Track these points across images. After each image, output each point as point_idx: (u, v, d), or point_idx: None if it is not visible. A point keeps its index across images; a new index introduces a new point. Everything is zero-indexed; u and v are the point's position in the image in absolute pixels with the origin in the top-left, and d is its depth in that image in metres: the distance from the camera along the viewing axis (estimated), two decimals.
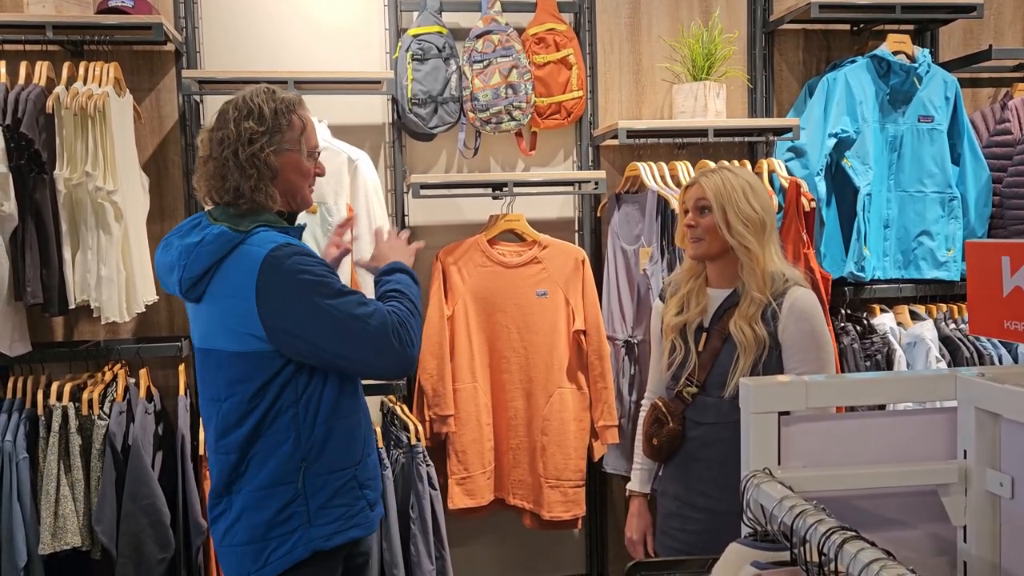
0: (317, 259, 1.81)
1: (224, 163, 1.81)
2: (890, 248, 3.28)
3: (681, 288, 2.14)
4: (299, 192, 1.92)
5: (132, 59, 3.09)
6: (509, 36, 3.15)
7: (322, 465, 1.83)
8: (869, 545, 0.98)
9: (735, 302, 2.03)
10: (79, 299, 2.71)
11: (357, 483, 1.90)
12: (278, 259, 1.74)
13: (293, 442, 1.81)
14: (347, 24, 3.26)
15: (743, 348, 1.97)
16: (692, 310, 2.09)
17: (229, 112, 1.85)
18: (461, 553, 3.30)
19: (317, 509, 1.83)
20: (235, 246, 1.78)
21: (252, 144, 1.81)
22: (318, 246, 2.86)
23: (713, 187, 2.03)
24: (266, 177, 1.82)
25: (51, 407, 2.69)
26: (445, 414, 3.01)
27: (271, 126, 1.83)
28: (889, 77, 3.24)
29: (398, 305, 1.86)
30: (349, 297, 1.78)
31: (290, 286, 1.74)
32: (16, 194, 2.62)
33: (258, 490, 1.82)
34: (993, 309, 1.27)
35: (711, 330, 2.06)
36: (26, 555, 2.61)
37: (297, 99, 1.92)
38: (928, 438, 1.38)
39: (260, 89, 1.88)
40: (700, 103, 3.18)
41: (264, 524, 1.81)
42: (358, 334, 1.76)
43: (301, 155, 1.89)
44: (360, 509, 1.90)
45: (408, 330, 1.82)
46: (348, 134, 3.09)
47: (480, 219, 3.24)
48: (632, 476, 2.29)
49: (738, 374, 1.96)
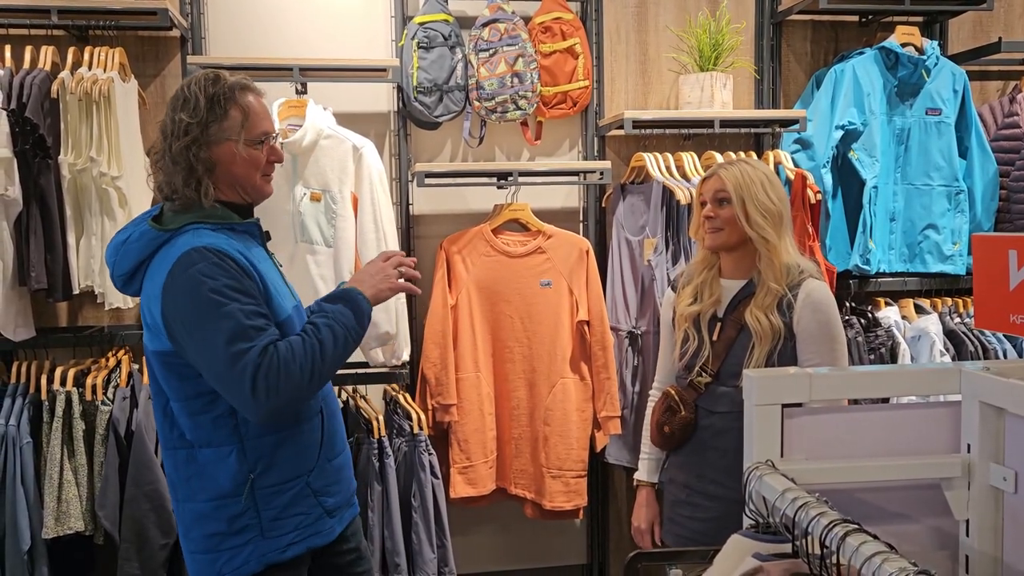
0: (229, 270, 1.66)
1: (163, 156, 1.74)
2: (896, 241, 3.27)
3: (695, 278, 2.16)
4: (247, 182, 1.80)
5: (137, 44, 3.08)
6: (515, 25, 3.14)
7: (272, 476, 1.76)
8: (871, 538, 0.98)
9: (750, 292, 2.05)
10: (83, 284, 2.72)
11: (311, 491, 1.81)
12: (182, 265, 1.65)
13: (238, 453, 1.74)
14: (353, 11, 3.25)
15: (758, 338, 1.99)
16: (706, 300, 2.11)
17: (171, 101, 1.77)
18: (463, 542, 3.31)
19: (270, 521, 1.76)
20: (160, 245, 1.72)
21: (185, 136, 1.72)
22: (322, 234, 2.86)
23: (733, 179, 2.06)
24: (198, 172, 1.72)
25: (55, 392, 2.69)
26: (448, 403, 3.02)
27: (204, 117, 1.72)
28: (897, 69, 3.22)
29: (297, 343, 1.67)
30: (234, 324, 1.62)
31: (185, 297, 1.65)
32: (20, 179, 2.63)
33: (208, 501, 1.76)
34: (999, 303, 1.26)
35: (726, 320, 2.07)
36: (30, 539, 2.62)
37: (241, 83, 1.79)
38: (931, 432, 1.38)
39: (202, 75, 1.77)
40: (707, 94, 3.16)
41: (216, 535, 1.76)
42: (220, 368, 1.62)
43: (238, 144, 1.75)
44: (317, 517, 1.82)
45: (278, 377, 1.62)
46: (353, 122, 3.08)
47: (485, 208, 3.23)
48: (640, 466, 2.30)
49: (753, 364, 1.98)
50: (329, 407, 1.92)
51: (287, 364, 1.64)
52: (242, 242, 1.79)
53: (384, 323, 2.87)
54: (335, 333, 1.73)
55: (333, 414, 1.93)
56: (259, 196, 1.85)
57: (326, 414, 1.89)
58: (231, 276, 1.66)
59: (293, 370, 1.64)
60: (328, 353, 1.71)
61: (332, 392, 1.98)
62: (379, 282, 1.85)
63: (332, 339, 1.72)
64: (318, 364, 1.68)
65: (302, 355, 1.66)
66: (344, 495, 1.92)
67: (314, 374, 1.68)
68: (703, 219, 2.11)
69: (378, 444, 2.85)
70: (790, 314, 2.00)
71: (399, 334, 2.94)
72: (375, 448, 2.85)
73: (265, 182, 1.84)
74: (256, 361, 1.61)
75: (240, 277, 1.68)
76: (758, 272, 2.05)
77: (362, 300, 1.80)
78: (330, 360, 1.71)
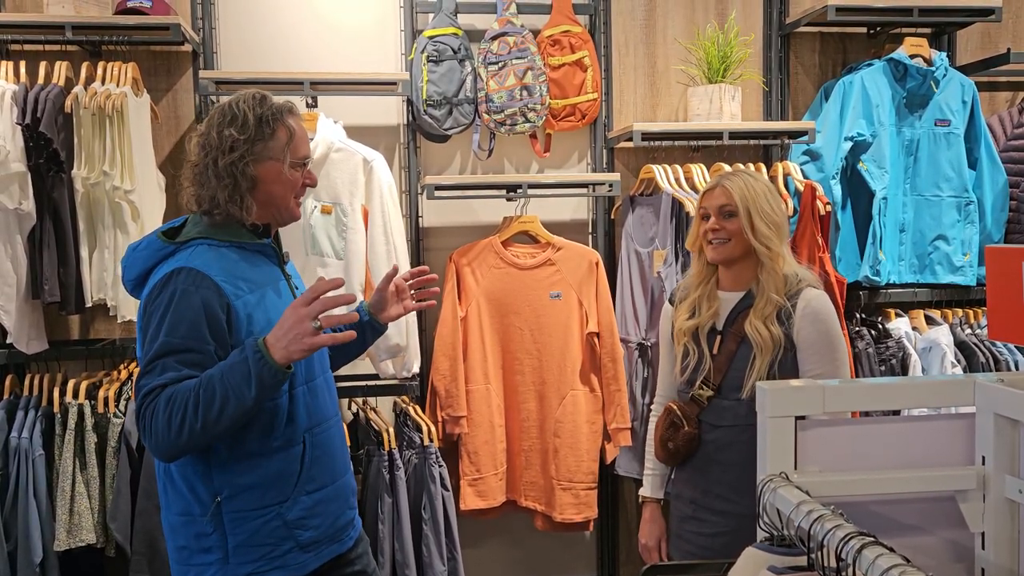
0: (200, 297, 1.64)
1: (204, 170, 1.74)
2: (905, 252, 3.27)
3: (691, 292, 2.15)
4: (282, 203, 1.81)
5: (150, 59, 3.11)
6: (524, 38, 3.16)
7: (239, 502, 1.72)
8: (887, 551, 0.98)
9: (748, 304, 2.04)
10: (96, 298, 2.73)
11: (283, 522, 1.75)
12: (159, 287, 1.67)
13: (204, 475, 1.72)
14: (363, 25, 3.27)
15: (759, 348, 1.98)
16: (704, 313, 2.09)
17: (215, 117, 1.77)
18: (473, 554, 3.31)
19: (235, 547, 1.73)
20: (164, 257, 1.74)
21: (232, 152, 1.72)
22: (332, 246, 2.87)
23: (739, 191, 2.04)
24: (243, 188, 1.73)
25: (67, 405, 2.71)
26: (458, 415, 3.02)
27: (253, 134, 1.74)
28: (906, 80, 3.22)
29: (180, 392, 1.58)
30: (161, 356, 1.61)
31: (148, 315, 1.66)
32: (34, 193, 2.65)
33: (178, 515, 1.76)
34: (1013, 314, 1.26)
35: (725, 332, 2.06)
36: (42, 552, 2.63)
37: (287, 106, 1.81)
38: (946, 443, 1.37)
39: (249, 94, 1.79)
40: (715, 106, 3.17)
41: (185, 549, 1.77)
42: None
43: (283, 165, 1.77)
44: (287, 551, 1.76)
45: (153, 423, 1.58)
46: (363, 135, 3.10)
47: (494, 220, 3.24)
48: (644, 482, 2.28)
49: (754, 375, 1.97)
50: (316, 437, 1.82)
51: (157, 414, 1.58)
52: (248, 261, 1.78)
53: (394, 335, 2.87)
54: (215, 392, 1.57)
55: (321, 444, 1.83)
56: (289, 218, 1.85)
57: (310, 444, 1.80)
58: (191, 307, 1.63)
59: (159, 423, 1.58)
60: (201, 413, 1.57)
61: (329, 421, 1.88)
62: (289, 343, 1.57)
63: (210, 399, 1.57)
64: (190, 422, 1.57)
65: (178, 406, 1.58)
66: (329, 529, 1.84)
67: (184, 430, 1.57)
68: (705, 232, 2.09)
69: (388, 456, 2.85)
70: (789, 324, 1.99)
71: (409, 346, 2.95)
72: (385, 460, 2.85)
73: (296, 204, 1.85)
74: (140, 401, 1.61)
75: (199, 310, 1.64)
76: (757, 282, 2.04)
77: (257, 361, 1.57)
78: (204, 421, 1.57)
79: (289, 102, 1.84)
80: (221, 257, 1.73)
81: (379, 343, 2.89)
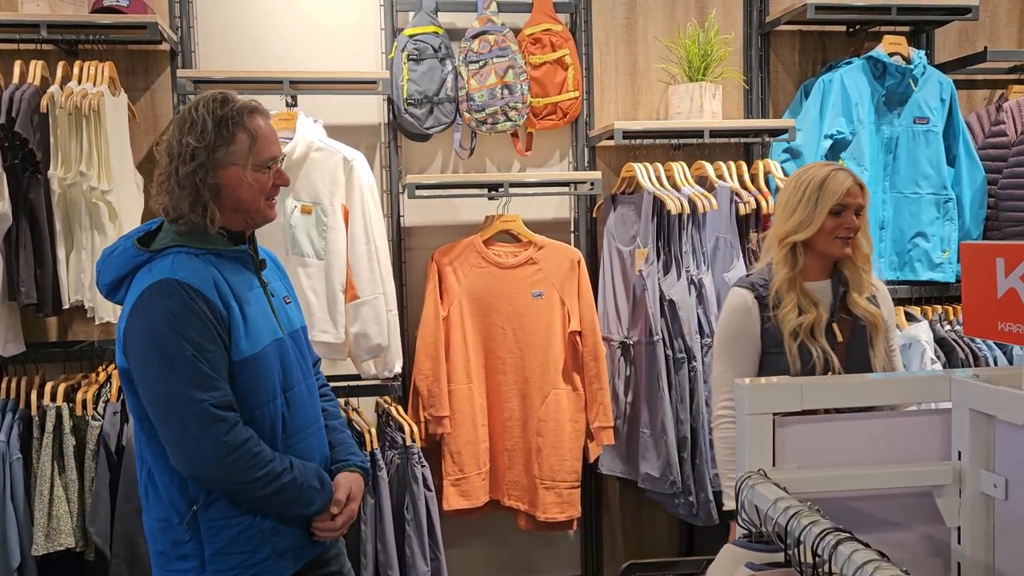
0: (194, 309, 1.65)
1: (168, 179, 1.71)
2: (885, 249, 3.29)
3: (786, 290, 2.13)
4: (252, 207, 1.77)
5: (127, 58, 3.08)
6: (505, 36, 3.15)
7: (216, 511, 1.72)
8: (863, 546, 0.98)
9: (843, 289, 2.17)
10: (73, 299, 2.71)
11: (260, 531, 1.74)
12: (147, 299, 1.65)
13: (180, 484, 1.71)
14: (343, 24, 3.25)
15: (872, 326, 2.13)
16: (815, 309, 2.13)
17: (175, 123, 1.74)
18: (456, 554, 3.30)
19: (212, 555, 1.72)
20: (139, 265, 1.72)
21: (192, 160, 1.69)
22: (313, 246, 2.86)
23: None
24: (205, 197, 1.70)
25: (45, 407, 2.68)
26: (440, 415, 3.01)
27: (212, 141, 1.70)
28: (885, 78, 3.24)
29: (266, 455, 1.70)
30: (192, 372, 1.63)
31: (145, 331, 1.65)
32: (10, 194, 2.62)
33: (157, 520, 1.76)
34: (988, 311, 1.27)
35: (839, 320, 2.15)
36: (20, 556, 2.60)
37: (250, 106, 1.76)
38: (922, 439, 1.38)
39: (210, 96, 1.74)
40: (696, 104, 3.18)
41: (164, 554, 1.76)
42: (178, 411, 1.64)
43: (245, 168, 1.73)
44: (264, 558, 1.75)
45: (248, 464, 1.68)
46: (344, 134, 3.09)
47: (476, 220, 3.24)
48: (728, 495, 2.13)
49: (878, 352, 2.11)
50: (292, 448, 1.81)
51: (239, 455, 1.66)
52: (226, 269, 1.76)
53: (376, 335, 2.86)
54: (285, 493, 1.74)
55: (298, 453, 1.81)
56: (262, 220, 1.82)
57: (285, 453, 1.79)
58: (201, 319, 1.66)
59: (239, 462, 1.67)
60: (261, 491, 1.70)
61: (308, 430, 1.87)
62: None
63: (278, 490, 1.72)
64: (251, 486, 1.70)
65: (259, 467, 1.69)
66: (305, 535, 1.83)
67: (244, 484, 1.69)
68: (846, 228, 2.10)
69: (371, 457, 2.83)
70: (875, 301, 2.17)
71: (391, 346, 2.94)
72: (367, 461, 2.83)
73: (269, 206, 1.81)
74: (224, 429, 1.65)
75: (206, 322, 1.66)
76: (852, 266, 2.15)
77: (330, 489, 1.82)
78: (255, 495, 1.71)
79: (254, 101, 1.79)
80: (199, 264, 1.71)
81: (361, 343, 2.89)
